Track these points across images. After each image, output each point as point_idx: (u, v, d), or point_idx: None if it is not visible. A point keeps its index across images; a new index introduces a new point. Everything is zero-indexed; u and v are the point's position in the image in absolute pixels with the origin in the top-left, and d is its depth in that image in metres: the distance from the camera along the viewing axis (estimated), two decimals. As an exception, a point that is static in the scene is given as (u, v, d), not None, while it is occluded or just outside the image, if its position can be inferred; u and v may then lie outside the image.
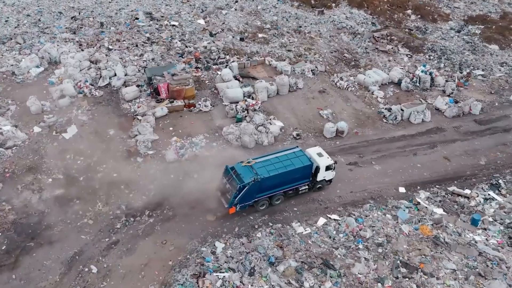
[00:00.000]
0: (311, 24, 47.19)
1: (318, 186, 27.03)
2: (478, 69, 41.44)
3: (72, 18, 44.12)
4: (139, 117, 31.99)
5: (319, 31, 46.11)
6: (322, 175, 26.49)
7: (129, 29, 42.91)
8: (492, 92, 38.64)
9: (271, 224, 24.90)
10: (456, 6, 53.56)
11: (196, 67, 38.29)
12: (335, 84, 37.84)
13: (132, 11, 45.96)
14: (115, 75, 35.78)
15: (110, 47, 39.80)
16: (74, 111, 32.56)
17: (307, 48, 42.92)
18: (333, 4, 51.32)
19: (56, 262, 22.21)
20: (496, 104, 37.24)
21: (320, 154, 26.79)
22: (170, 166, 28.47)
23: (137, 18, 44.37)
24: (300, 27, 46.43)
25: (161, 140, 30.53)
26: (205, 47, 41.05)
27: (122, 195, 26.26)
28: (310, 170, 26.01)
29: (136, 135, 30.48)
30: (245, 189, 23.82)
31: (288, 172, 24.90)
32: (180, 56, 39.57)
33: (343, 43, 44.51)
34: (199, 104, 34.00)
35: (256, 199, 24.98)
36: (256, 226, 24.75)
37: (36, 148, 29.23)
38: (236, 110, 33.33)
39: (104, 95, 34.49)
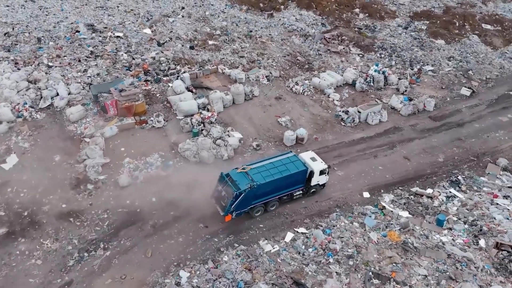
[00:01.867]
0: (262, 28, 46.34)
1: (312, 190, 26.94)
2: (428, 64, 42.15)
3: (5, 34, 40.75)
4: (87, 139, 29.82)
5: (270, 35, 45.34)
6: (316, 180, 26.43)
7: (70, 43, 40.19)
8: (443, 87, 39.36)
9: (237, 245, 23.70)
10: (401, 3, 54.43)
11: (145, 80, 36.38)
12: (291, 89, 37.17)
13: (72, 23, 43.15)
14: (58, 94, 33.22)
15: (50, 64, 37.01)
16: (14, 138, 29.89)
17: (260, 53, 42.01)
18: (282, 7, 50.73)
19: (2, 313, 20.00)
20: (448, 99, 37.94)
21: (313, 159, 26.73)
22: (124, 191, 26.64)
23: (78, 31, 41.66)
24: (251, 31, 45.46)
25: (113, 163, 28.54)
26: (154, 58, 39.16)
27: (73, 228, 24.19)
28: (305, 175, 25.89)
29: (85, 159, 28.32)
30: (242, 196, 23.49)
31: (283, 178, 24.82)
32: (127, 69, 37.47)
33: (295, 46, 43.97)
34: (151, 120, 32.20)
35: (252, 206, 24.75)
36: (222, 249, 23.47)
37: (-29, 183, 26.49)
38: (192, 124, 31.84)
39: (46, 117, 31.95)
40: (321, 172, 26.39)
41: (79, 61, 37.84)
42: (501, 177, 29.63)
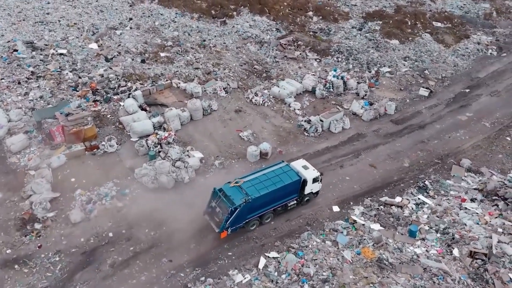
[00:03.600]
0: (215, 36, 44.65)
1: (306, 199, 26.57)
2: (384, 66, 42.01)
3: None
4: (32, 172, 27.17)
5: (224, 43, 43.76)
6: (309, 188, 26.15)
7: (7, 63, 36.83)
8: (402, 88, 39.28)
9: (205, 278, 22.05)
10: (353, 4, 54.37)
11: (94, 101, 33.86)
12: (251, 100, 35.80)
13: (8, 41, 39.65)
14: (-5, 123, 30.26)
15: (-15, 88, 33.83)
16: None
17: (215, 63, 40.35)
18: (234, 13, 49.24)
19: None
20: (408, 100, 37.85)
21: (305, 167, 26.34)
22: (77, 228, 24.39)
23: (16, 50, 38.27)
24: (204, 40, 43.69)
25: (63, 197, 26.14)
26: (102, 76, 36.57)
27: (20, 277, 21.78)
28: (299, 185, 25.57)
29: (30, 195, 25.70)
30: (237, 211, 23.01)
31: (278, 189, 24.52)
32: (73, 90, 34.75)
33: (251, 54, 42.64)
34: (103, 144, 29.89)
35: (247, 220, 24.25)
36: (189, 285, 21.77)
37: None
38: (148, 146, 29.78)
39: (-17, 150, 28.97)
40: (314, 180, 26.03)
41: (19, 83, 34.72)
42: (466, 178, 29.60)
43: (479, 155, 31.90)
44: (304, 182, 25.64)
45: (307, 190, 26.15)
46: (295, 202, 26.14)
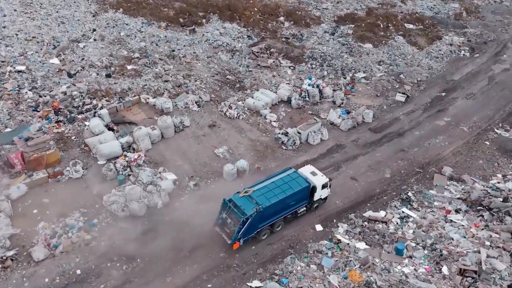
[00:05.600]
0: (185, 46, 42.86)
1: (315, 205, 26.56)
2: (359, 71, 41.22)
3: None
4: (-12, 206, 24.85)
5: (194, 53, 42.03)
6: (318, 194, 26.07)
7: (-40, 84, 34.24)
8: (378, 94, 38.53)
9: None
10: (324, 7, 53.58)
11: (57, 121, 31.62)
12: (225, 114, 34.25)
13: (-40, 59, 36.97)
14: None
15: None
16: None
17: (186, 75, 38.61)
18: (204, 20, 47.55)
19: None
20: (385, 107, 37.11)
21: (313, 173, 26.24)
22: (41, 267, 22.34)
23: (-32, 68, 35.70)
24: (173, 51, 41.86)
25: (24, 232, 23.98)
26: (65, 93, 34.27)
27: (-23, 329, 19.57)
28: (308, 191, 25.45)
29: (-13, 232, 23.44)
30: (249, 221, 22.80)
31: (288, 197, 24.40)
32: (34, 110, 32.39)
33: (223, 63, 41.10)
34: (68, 170, 27.80)
35: (259, 229, 24.02)
36: (167, 327, 20.14)
37: None
38: (116, 170, 27.87)
39: None
40: (323, 186, 25.94)
41: (-27, 105, 32.22)
42: (448, 187, 29.00)
43: (460, 162, 31.39)
44: (314, 188, 25.56)
45: (317, 197, 26.05)
46: (305, 208, 26.05)
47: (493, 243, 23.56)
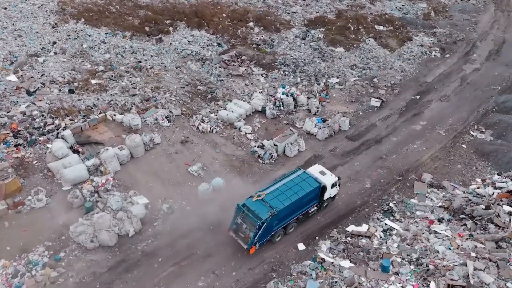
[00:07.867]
0: (152, 56, 41.09)
1: (325, 204, 26.87)
2: (333, 77, 40.50)
3: None
4: None
5: (162, 63, 40.35)
6: (328, 194, 26.32)
7: None
8: (353, 100, 37.87)
9: None
10: (293, 11, 52.71)
11: (16, 145, 29.51)
12: (197, 128, 32.79)
13: None
14: None
15: None
16: None
17: (154, 87, 36.92)
18: (171, 28, 45.84)
19: None
20: (360, 113, 36.45)
21: (322, 173, 26.37)
22: (2, 312, 20.35)
23: None
24: (140, 62, 40.05)
25: (-18, 272, 21.90)
26: (24, 113, 32.13)
27: None
28: (319, 191, 25.70)
29: None
30: (264, 225, 22.86)
31: (300, 198, 24.56)
32: (-11, 134, 30.16)
33: (193, 73, 39.59)
34: (30, 199, 25.82)
35: (273, 232, 24.17)
36: None
37: None
38: (83, 196, 26.04)
39: None
40: (333, 185, 26.21)
41: None
42: (429, 195, 28.48)
43: (438, 167, 31.00)
44: (324, 188, 25.76)
45: (326, 196, 26.26)
46: (316, 208, 26.28)
47: (479, 254, 23.04)
